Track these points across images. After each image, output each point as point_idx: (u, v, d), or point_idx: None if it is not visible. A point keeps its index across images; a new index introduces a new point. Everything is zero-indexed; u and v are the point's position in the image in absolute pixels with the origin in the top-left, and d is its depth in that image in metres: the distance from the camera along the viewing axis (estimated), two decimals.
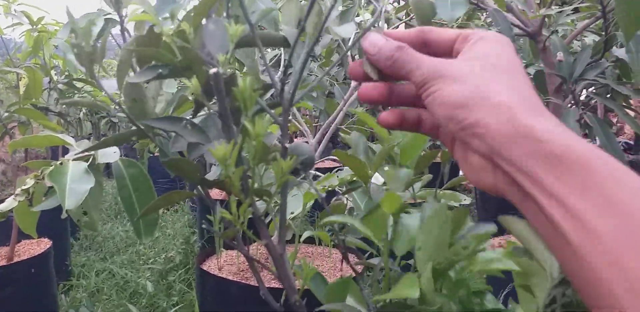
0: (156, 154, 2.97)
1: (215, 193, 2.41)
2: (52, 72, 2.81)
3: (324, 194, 0.65)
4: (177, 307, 2.04)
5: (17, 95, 2.03)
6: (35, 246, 1.84)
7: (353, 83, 1.44)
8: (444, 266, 0.44)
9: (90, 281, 2.31)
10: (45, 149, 2.92)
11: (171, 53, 0.47)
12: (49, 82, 2.88)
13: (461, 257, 0.45)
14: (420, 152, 0.62)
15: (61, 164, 0.83)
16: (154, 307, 2.09)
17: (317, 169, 1.29)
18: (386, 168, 0.64)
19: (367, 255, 0.71)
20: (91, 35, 0.48)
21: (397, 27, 1.60)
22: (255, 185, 0.43)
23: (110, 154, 0.88)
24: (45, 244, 1.85)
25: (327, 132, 1.37)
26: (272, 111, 0.44)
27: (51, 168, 0.81)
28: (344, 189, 0.99)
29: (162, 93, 0.58)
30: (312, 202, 0.95)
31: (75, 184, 0.80)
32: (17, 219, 0.88)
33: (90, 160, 0.89)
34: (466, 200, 0.89)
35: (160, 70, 0.46)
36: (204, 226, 0.51)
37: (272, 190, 0.45)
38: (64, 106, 3.34)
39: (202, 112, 0.52)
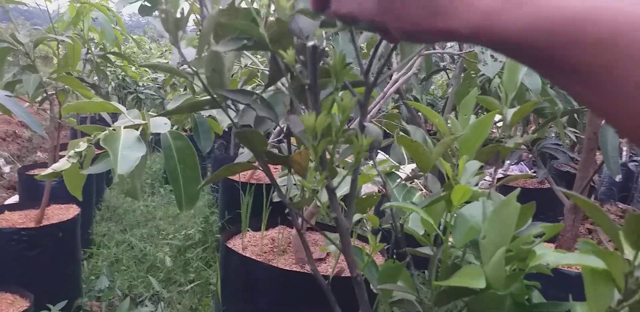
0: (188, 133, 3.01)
1: (240, 176, 2.43)
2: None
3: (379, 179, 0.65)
4: (193, 283, 2.07)
5: (49, 65, 2.06)
6: (64, 211, 1.88)
7: (394, 76, 1.43)
8: (513, 254, 0.44)
9: (110, 251, 2.35)
10: (76, 120, 2.97)
11: (252, 28, 0.47)
12: (86, 54, 2.91)
13: (529, 249, 0.45)
14: (479, 146, 0.62)
15: (114, 130, 0.84)
16: (171, 281, 2.12)
17: None
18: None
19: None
20: (179, 2, 0.49)
21: None
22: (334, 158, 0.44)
23: (161, 125, 0.90)
24: (74, 210, 1.89)
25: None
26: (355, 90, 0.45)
27: (105, 133, 0.82)
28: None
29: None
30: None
31: (127, 151, 0.81)
32: (66, 180, 0.90)
33: (140, 129, 0.90)
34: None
35: (245, 41, 0.46)
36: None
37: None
38: (96, 78, 3.39)
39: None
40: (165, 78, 4.95)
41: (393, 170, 0.98)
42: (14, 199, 2.85)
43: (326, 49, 0.41)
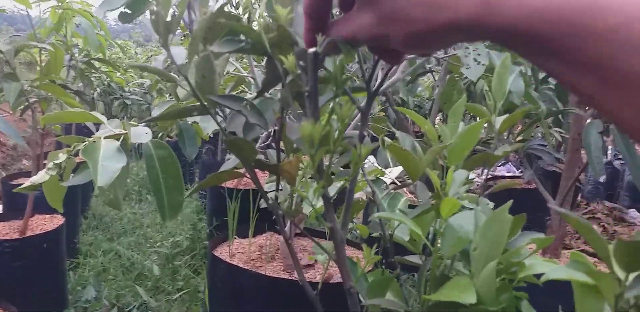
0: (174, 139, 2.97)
1: (228, 182, 2.40)
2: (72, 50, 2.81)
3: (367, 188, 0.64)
4: (182, 292, 2.04)
5: (33, 71, 2.02)
6: (48, 222, 1.84)
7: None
8: (504, 267, 0.43)
9: (97, 260, 2.32)
10: (61, 127, 2.93)
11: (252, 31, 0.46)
12: (70, 60, 2.88)
13: (519, 262, 0.45)
14: (468, 154, 0.61)
15: (94, 141, 0.82)
16: (159, 290, 2.09)
17: None
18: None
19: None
20: (170, 4, 0.48)
21: None
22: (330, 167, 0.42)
23: (142, 135, 0.88)
24: (58, 220, 1.85)
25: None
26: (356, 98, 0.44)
27: (84, 144, 0.80)
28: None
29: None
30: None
31: (107, 162, 0.79)
32: (46, 192, 0.87)
33: (121, 139, 0.88)
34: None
35: (242, 44, 0.45)
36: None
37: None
38: (80, 84, 3.35)
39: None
40: (151, 83, 4.91)
41: (378, 176, 0.97)
42: None
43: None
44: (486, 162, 1.34)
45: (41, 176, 0.81)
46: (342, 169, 0.55)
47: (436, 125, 0.61)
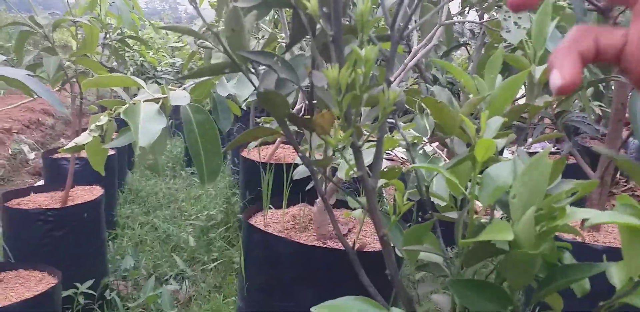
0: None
1: (260, 156, 2.43)
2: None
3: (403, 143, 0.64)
4: (216, 262, 2.09)
5: (68, 53, 2.05)
6: (88, 192, 1.90)
7: (414, 48, 1.40)
8: (544, 213, 0.43)
9: (134, 232, 2.39)
10: (97, 107, 2.99)
11: None
12: (104, 38, 2.92)
13: (560, 207, 0.44)
14: (509, 106, 0.60)
15: (134, 103, 0.84)
16: (195, 260, 2.15)
17: None
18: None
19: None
20: None
21: None
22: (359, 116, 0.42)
23: (181, 98, 0.89)
24: (97, 191, 1.91)
25: None
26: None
27: (125, 106, 0.82)
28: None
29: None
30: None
31: (148, 124, 0.81)
32: (89, 155, 0.90)
33: (160, 103, 0.90)
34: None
35: None
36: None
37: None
38: (115, 64, 3.40)
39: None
40: (183, 63, 4.96)
41: (416, 141, 0.96)
42: (40, 184, 2.90)
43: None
44: (521, 131, 1.31)
45: (85, 138, 0.83)
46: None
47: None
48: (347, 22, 0.49)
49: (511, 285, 0.47)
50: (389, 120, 0.69)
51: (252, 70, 0.57)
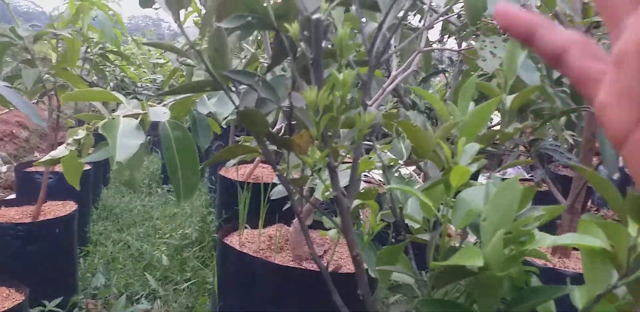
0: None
1: (238, 175, 2.43)
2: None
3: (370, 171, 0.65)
4: (189, 282, 2.06)
5: (47, 65, 2.03)
6: (61, 207, 1.87)
7: (393, 73, 1.43)
8: (513, 236, 0.44)
9: (107, 249, 2.35)
10: (74, 121, 2.96)
11: (259, 3, 0.48)
12: (86, 52, 2.91)
13: (528, 231, 0.45)
14: (481, 132, 0.62)
15: (113, 118, 0.84)
16: (167, 280, 2.11)
17: None
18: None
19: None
20: None
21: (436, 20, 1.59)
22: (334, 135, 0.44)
23: (161, 114, 0.89)
24: (70, 206, 1.88)
25: None
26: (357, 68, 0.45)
27: (104, 121, 0.82)
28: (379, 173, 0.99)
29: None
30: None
31: (126, 139, 0.81)
32: (64, 169, 0.89)
33: (139, 119, 0.90)
34: None
35: (249, 18, 0.47)
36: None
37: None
38: (95, 78, 3.39)
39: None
40: (164, 79, 4.95)
41: (392, 163, 0.98)
42: (11, 198, 2.85)
43: (330, 24, 0.42)
44: (494, 157, 1.34)
45: (61, 151, 0.83)
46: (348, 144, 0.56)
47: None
48: (328, 46, 0.50)
49: (480, 306, 0.48)
50: (366, 142, 0.71)
51: (233, 89, 0.58)
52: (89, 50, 2.92)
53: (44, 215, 1.77)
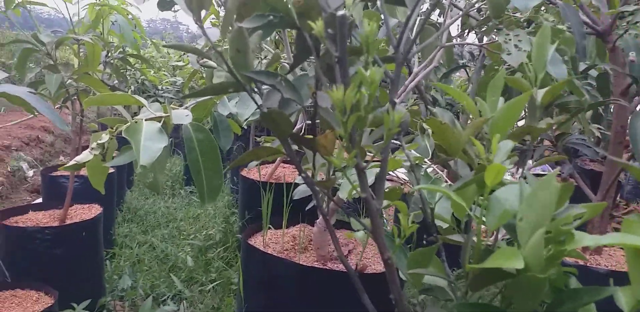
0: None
1: (260, 176, 2.43)
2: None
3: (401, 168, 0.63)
4: (214, 283, 2.07)
5: (70, 71, 2.05)
6: (87, 211, 1.89)
7: (415, 69, 1.41)
8: (552, 236, 0.42)
9: (132, 251, 2.37)
10: (97, 125, 3.00)
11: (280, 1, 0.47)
12: (106, 56, 2.94)
13: (568, 230, 0.44)
14: (512, 128, 0.60)
15: (136, 122, 0.84)
16: (192, 281, 2.12)
17: None
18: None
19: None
20: None
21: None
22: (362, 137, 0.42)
23: (183, 117, 0.89)
24: (96, 209, 1.90)
25: None
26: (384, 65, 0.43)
27: (127, 124, 0.82)
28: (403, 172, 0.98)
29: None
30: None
31: (149, 142, 0.80)
32: (89, 173, 0.90)
33: (161, 122, 0.90)
34: None
35: (271, 17, 0.46)
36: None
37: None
38: (116, 82, 3.42)
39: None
40: (184, 81, 4.98)
41: (417, 162, 0.96)
42: (38, 202, 2.89)
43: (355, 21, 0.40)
44: (522, 154, 1.31)
45: (85, 155, 0.83)
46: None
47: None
48: (350, 43, 0.49)
49: (518, 309, 0.46)
50: (392, 141, 0.69)
51: (256, 89, 0.57)
52: (109, 54, 2.94)
53: (70, 218, 1.79)
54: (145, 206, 3.07)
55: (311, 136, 0.59)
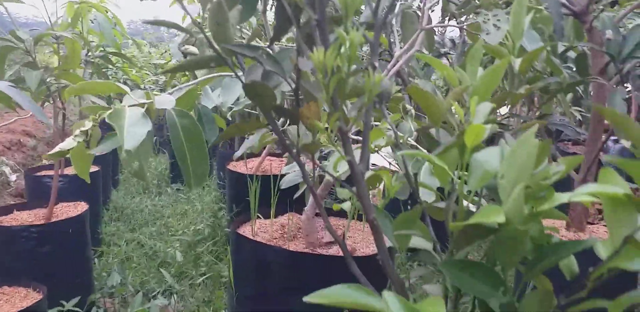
0: None
1: (246, 169, 2.43)
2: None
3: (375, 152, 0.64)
4: (204, 277, 2.06)
5: (48, 73, 2.02)
6: (73, 208, 1.88)
7: (396, 54, 1.42)
8: (533, 191, 0.43)
9: (120, 249, 2.35)
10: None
11: None
12: (87, 54, 2.91)
13: (547, 185, 0.45)
14: (490, 96, 0.61)
15: (119, 108, 0.84)
16: (182, 275, 2.12)
17: None
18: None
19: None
20: None
21: None
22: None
23: (167, 102, 0.89)
24: (82, 206, 1.89)
25: None
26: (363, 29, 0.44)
27: (110, 110, 0.82)
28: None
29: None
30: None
31: (133, 127, 0.80)
32: (74, 162, 0.89)
33: (144, 108, 0.89)
34: None
35: None
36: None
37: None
38: (98, 81, 3.39)
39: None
40: (166, 80, 4.95)
41: (401, 140, 0.97)
42: (22, 202, 2.86)
43: None
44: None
45: (69, 143, 0.82)
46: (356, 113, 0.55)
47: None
48: (331, 12, 0.50)
49: (502, 265, 0.47)
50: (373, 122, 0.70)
51: (237, 64, 0.58)
52: (89, 53, 2.91)
53: (56, 216, 1.77)
54: (132, 205, 3.05)
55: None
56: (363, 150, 0.48)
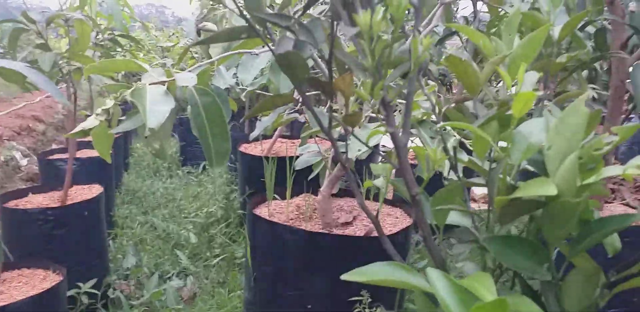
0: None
1: (258, 151, 2.42)
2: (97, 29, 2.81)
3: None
4: (219, 258, 2.07)
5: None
6: (87, 191, 1.88)
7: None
8: (584, 161, 0.42)
9: (134, 231, 2.36)
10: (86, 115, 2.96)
11: None
12: (96, 37, 2.88)
13: (599, 155, 0.43)
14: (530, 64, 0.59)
15: (140, 87, 0.82)
16: (197, 257, 2.13)
17: None
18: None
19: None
20: None
21: None
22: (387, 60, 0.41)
23: (188, 79, 0.87)
24: (96, 189, 1.89)
25: None
26: None
27: (132, 89, 0.80)
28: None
29: None
30: None
31: (155, 105, 0.79)
32: (95, 141, 0.88)
33: (165, 85, 0.88)
34: None
35: None
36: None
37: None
38: None
39: None
40: (174, 63, 4.92)
41: (425, 117, 0.95)
42: (37, 185, 2.87)
43: None
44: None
45: (91, 121, 0.81)
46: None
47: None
48: None
49: (549, 240, 0.46)
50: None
51: (268, 36, 0.56)
52: (98, 36, 2.88)
53: (71, 199, 1.77)
54: (144, 188, 3.06)
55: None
56: (405, 122, 0.46)
